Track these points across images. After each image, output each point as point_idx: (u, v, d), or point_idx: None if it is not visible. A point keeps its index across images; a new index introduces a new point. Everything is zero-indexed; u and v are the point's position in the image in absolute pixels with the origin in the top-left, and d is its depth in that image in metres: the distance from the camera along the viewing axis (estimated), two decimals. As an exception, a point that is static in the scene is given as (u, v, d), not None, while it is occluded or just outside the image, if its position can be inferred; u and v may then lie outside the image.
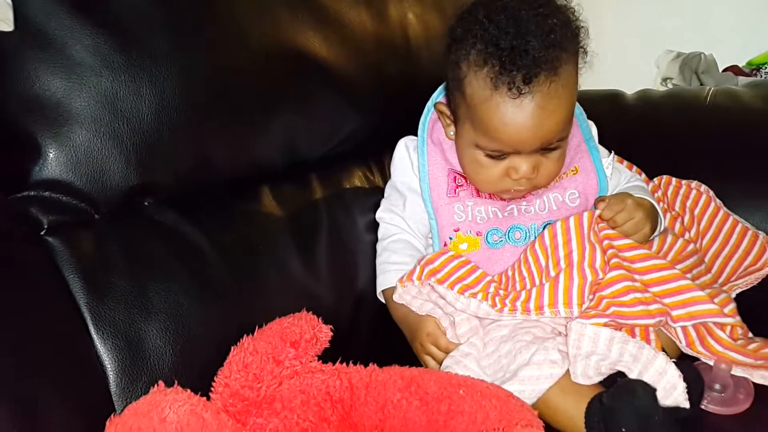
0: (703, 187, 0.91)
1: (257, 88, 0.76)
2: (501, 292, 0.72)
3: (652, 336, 0.67)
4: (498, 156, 0.74)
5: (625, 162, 0.95)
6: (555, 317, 0.69)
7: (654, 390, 0.60)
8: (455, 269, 0.74)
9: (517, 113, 0.69)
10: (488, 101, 0.70)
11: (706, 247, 0.87)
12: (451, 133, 0.81)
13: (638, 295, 0.67)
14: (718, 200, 0.90)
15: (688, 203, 0.90)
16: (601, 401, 0.62)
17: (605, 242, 0.72)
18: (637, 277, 0.69)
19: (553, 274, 0.70)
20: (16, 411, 0.48)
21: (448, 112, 0.80)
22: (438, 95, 0.87)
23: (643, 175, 0.94)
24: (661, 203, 0.89)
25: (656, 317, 0.66)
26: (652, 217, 0.78)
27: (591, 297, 0.69)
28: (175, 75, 0.65)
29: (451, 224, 0.81)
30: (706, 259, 0.85)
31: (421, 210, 0.84)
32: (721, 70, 2.29)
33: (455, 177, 0.82)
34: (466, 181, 0.82)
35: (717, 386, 0.68)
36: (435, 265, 0.74)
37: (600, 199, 0.76)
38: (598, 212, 0.74)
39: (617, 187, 0.85)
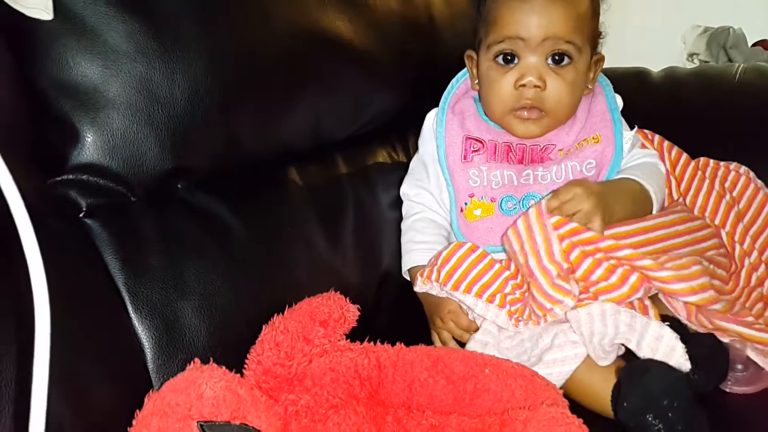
0: (743, 169, 0.90)
1: (284, 70, 0.76)
2: (517, 293, 0.71)
3: (651, 312, 0.68)
4: (509, 59, 0.78)
5: (657, 136, 0.93)
6: (563, 312, 0.68)
7: (672, 372, 0.60)
8: (473, 265, 0.73)
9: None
10: None
11: (746, 227, 0.85)
12: (476, 81, 0.85)
13: (611, 263, 0.67)
14: (759, 181, 0.89)
15: (727, 184, 0.88)
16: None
17: (566, 241, 0.69)
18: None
19: (525, 287, 0.71)
20: (64, 387, 0.50)
21: (474, 55, 0.84)
22: (463, 74, 0.88)
23: (685, 155, 0.92)
24: (700, 178, 0.88)
25: (639, 288, 0.66)
26: (626, 201, 0.75)
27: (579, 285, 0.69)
28: (206, 60, 0.66)
29: (466, 189, 0.82)
30: (747, 240, 0.83)
31: (443, 178, 0.85)
32: (750, 45, 2.24)
33: (471, 143, 0.83)
34: (482, 145, 0.83)
35: (739, 366, 0.68)
36: (452, 263, 0.74)
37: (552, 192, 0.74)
38: (544, 203, 0.71)
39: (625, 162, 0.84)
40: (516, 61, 0.78)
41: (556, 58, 0.77)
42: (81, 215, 0.62)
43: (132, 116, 0.62)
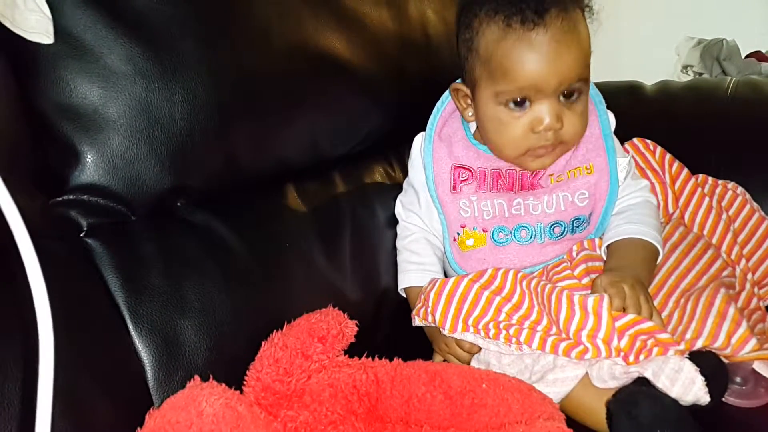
0: (740, 189, 0.90)
1: (281, 89, 0.77)
2: (514, 318, 0.70)
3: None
4: (519, 104, 0.74)
5: (659, 148, 0.94)
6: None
7: (663, 402, 0.60)
8: (462, 301, 0.72)
9: (533, 46, 0.71)
10: (504, 41, 0.72)
11: (741, 246, 0.85)
12: (470, 113, 0.82)
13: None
14: (754, 203, 0.89)
15: (724, 203, 0.89)
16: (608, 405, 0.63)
17: (625, 337, 0.66)
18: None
19: (523, 310, 0.70)
20: (67, 405, 0.51)
21: (464, 89, 0.81)
22: (447, 96, 0.87)
23: (686, 170, 0.92)
24: (699, 195, 0.89)
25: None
26: (646, 266, 0.75)
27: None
28: (204, 80, 0.67)
29: (457, 220, 0.82)
30: (743, 261, 0.83)
31: (433, 206, 0.85)
32: (743, 56, 2.26)
33: (459, 172, 0.82)
34: (471, 174, 0.82)
35: (738, 379, 0.68)
36: (442, 304, 0.73)
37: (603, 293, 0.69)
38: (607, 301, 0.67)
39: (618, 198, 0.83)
40: (527, 104, 0.74)
41: (566, 93, 0.74)
42: (82, 235, 0.63)
43: (132, 137, 0.63)
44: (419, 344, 0.81)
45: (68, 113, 0.60)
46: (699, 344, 0.65)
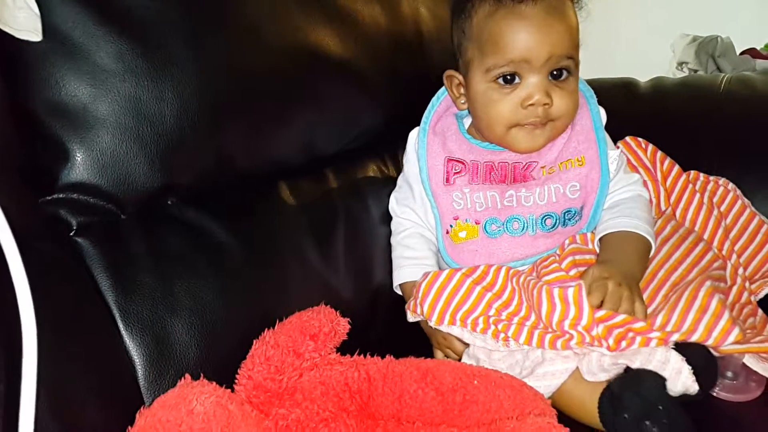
0: (731, 185, 0.91)
1: (273, 87, 0.77)
2: (504, 314, 0.71)
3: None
4: (509, 81, 0.76)
5: (650, 146, 0.94)
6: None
7: (663, 380, 0.61)
8: (452, 294, 0.72)
9: (523, 17, 0.74)
10: (495, 14, 0.75)
11: (732, 242, 0.85)
12: (462, 101, 0.84)
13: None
14: (745, 199, 0.89)
15: (715, 199, 0.89)
16: (610, 388, 0.63)
17: (601, 326, 0.66)
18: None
19: (513, 307, 0.71)
20: (55, 405, 0.51)
21: (458, 76, 0.83)
22: (443, 92, 0.88)
23: (677, 167, 0.92)
24: (690, 191, 0.89)
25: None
26: (638, 260, 0.75)
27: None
28: (195, 78, 0.67)
29: (450, 212, 0.82)
30: (734, 256, 0.83)
31: (426, 200, 0.85)
32: (738, 53, 2.27)
33: (453, 164, 0.83)
34: (464, 167, 0.82)
35: (729, 374, 0.69)
36: (431, 296, 0.73)
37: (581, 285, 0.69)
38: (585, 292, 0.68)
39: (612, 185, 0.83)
40: (517, 80, 0.76)
41: (555, 73, 0.76)
42: (72, 234, 0.62)
43: (121, 135, 0.62)
44: (413, 342, 0.81)
45: (57, 111, 0.60)
46: (676, 337, 0.65)
